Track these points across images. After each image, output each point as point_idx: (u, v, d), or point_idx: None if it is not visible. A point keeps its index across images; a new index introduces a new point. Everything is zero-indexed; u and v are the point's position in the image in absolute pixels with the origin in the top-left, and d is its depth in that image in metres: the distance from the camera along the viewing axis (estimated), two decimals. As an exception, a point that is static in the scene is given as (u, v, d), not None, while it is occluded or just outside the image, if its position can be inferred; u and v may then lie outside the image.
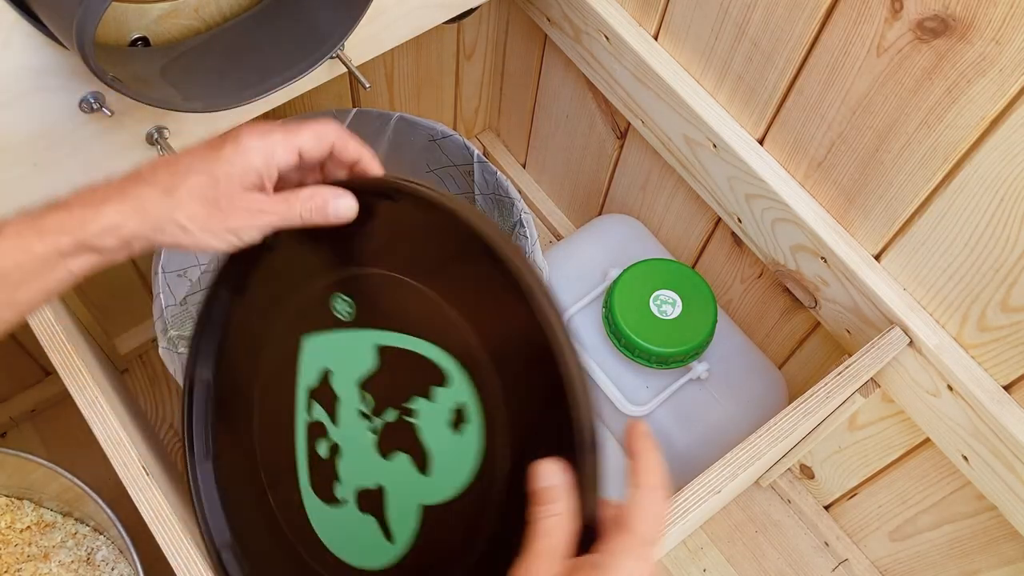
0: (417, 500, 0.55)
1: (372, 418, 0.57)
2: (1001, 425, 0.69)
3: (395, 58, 1.01)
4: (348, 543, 0.58)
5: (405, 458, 0.56)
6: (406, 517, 0.56)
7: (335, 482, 0.59)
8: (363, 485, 0.58)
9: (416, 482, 0.55)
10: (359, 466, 0.58)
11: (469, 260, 0.52)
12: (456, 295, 0.54)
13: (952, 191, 0.65)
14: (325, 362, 0.60)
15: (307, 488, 0.60)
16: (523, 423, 0.50)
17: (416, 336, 0.56)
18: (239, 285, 0.62)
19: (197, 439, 0.64)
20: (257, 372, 0.63)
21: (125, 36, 0.59)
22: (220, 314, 0.63)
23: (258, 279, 0.62)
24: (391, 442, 0.57)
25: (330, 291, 0.59)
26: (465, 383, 0.53)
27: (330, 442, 0.59)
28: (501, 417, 0.51)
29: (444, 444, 0.54)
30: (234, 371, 0.64)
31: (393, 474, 0.57)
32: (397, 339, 0.56)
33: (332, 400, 0.59)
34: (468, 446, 0.52)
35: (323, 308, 0.59)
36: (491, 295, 0.52)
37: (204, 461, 0.64)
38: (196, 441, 0.64)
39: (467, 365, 0.53)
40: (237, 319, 0.63)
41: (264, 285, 0.62)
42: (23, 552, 0.89)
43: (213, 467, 0.65)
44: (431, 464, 0.55)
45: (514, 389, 0.50)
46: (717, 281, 0.98)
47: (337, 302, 0.59)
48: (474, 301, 0.53)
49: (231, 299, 0.63)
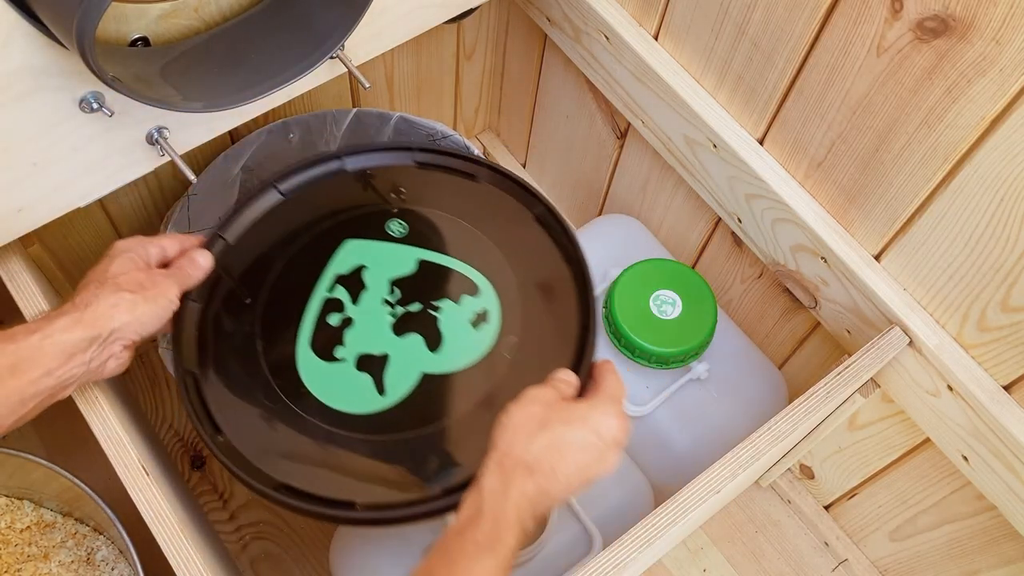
0: (420, 369, 0.68)
1: (395, 306, 0.71)
2: (1001, 425, 0.69)
3: (395, 58, 1.01)
4: (333, 391, 0.67)
5: (418, 338, 0.69)
6: (404, 379, 0.68)
7: (338, 345, 0.69)
8: (367, 351, 0.69)
9: (423, 356, 0.69)
10: (368, 337, 0.69)
11: (518, 218, 0.75)
12: (500, 238, 0.74)
13: (952, 191, 0.65)
14: (363, 260, 0.73)
15: (305, 345, 0.69)
16: (533, 331, 0.69)
17: (459, 259, 0.73)
18: (288, 189, 0.76)
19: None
20: (288, 249, 0.74)
21: (125, 36, 0.59)
22: (265, 205, 0.76)
23: (320, 191, 0.77)
24: (408, 325, 0.70)
25: (389, 216, 0.75)
26: (493, 296, 0.71)
27: (344, 315, 0.70)
28: (516, 325, 0.69)
29: (460, 334, 0.69)
30: (261, 239, 0.74)
31: (402, 347, 0.69)
32: (441, 258, 0.73)
33: (359, 287, 0.72)
34: (482, 339, 0.69)
35: (377, 225, 0.75)
36: (531, 243, 0.74)
37: (191, 302, 0.69)
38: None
39: (497, 286, 0.72)
40: (283, 210, 0.76)
41: (325, 195, 0.77)
42: (23, 552, 0.89)
43: (200, 307, 0.70)
44: (442, 346, 0.69)
45: (532, 310, 0.70)
46: (717, 281, 0.98)
47: (393, 223, 0.75)
48: (514, 244, 0.74)
49: (279, 195, 0.76)
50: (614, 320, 0.85)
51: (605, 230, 1.00)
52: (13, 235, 0.64)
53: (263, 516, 1.04)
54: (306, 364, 0.68)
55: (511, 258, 0.73)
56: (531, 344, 0.69)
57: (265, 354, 0.69)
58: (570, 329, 0.69)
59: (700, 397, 0.88)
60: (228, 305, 0.70)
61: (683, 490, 0.64)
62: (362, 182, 0.78)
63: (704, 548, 1.04)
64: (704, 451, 0.85)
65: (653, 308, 0.86)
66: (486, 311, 0.70)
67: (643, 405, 0.86)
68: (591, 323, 0.68)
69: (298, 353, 0.69)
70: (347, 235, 0.74)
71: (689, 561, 1.04)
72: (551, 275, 0.72)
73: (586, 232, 1.00)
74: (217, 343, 0.69)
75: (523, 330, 0.69)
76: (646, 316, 0.85)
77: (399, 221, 0.75)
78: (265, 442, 0.65)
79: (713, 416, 0.87)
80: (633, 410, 0.86)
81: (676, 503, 0.64)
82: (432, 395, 0.67)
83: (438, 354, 0.69)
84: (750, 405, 0.88)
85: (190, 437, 1.07)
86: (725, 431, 0.86)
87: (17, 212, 0.63)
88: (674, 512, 0.63)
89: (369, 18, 0.65)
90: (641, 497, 0.85)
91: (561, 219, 0.74)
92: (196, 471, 1.06)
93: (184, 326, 0.68)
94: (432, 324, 0.70)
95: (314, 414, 0.66)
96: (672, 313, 0.86)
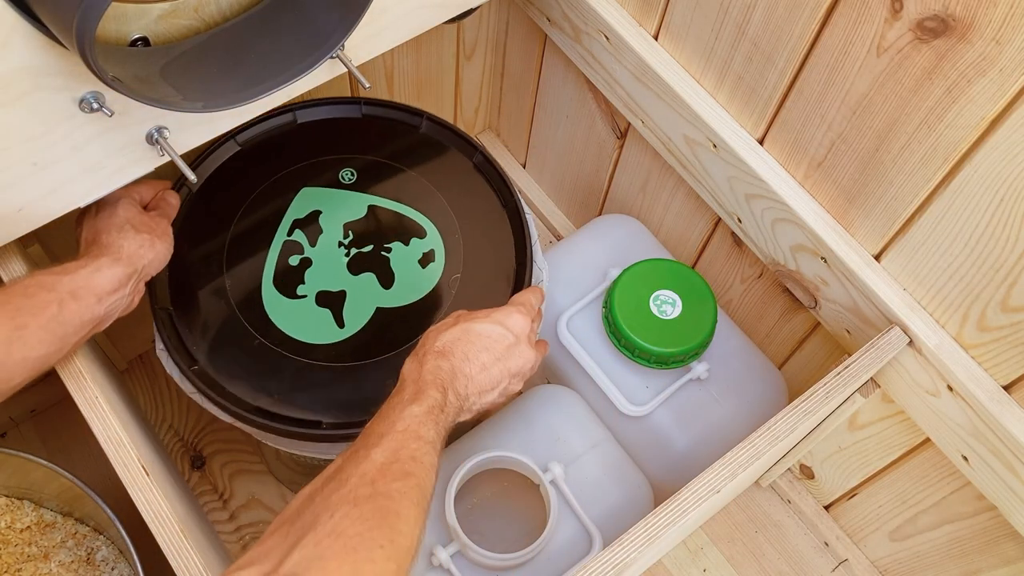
0: (374, 303, 0.77)
1: (349, 248, 0.79)
2: (1001, 425, 0.69)
3: (395, 58, 1.01)
4: (297, 324, 0.75)
5: (372, 276, 0.78)
6: (361, 313, 0.76)
7: (299, 284, 0.77)
8: (326, 288, 0.77)
9: (377, 292, 0.77)
10: (326, 276, 0.78)
11: (459, 166, 0.84)
12: (443, 184, 0.82)
13: (952, 191, 0.65)
14: (317, 205, 0.81)
15: (269, 283, 0.77)
16: (474, 269, 0.78)
17: (406, 204, 0.81)
18: (245, 140, 0.83)
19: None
20: (248, 196, 0.80)
21: (125, 36, 0.59)
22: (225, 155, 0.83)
23: (274, 141, 0.83)
24: (362, 265, 0.78)
25: (341, 165, 0.83)
26: (438, 238, 0.80)
27: (303, 256, 0.78)
28: (459, 263, 0.79)
29: (409, 272, 0.78)
30: (223, 187, 0.81)
31: (357, 285, 0.77)
32: (389, 203, 0.81)
33: (316, 231, 0.79)
34: (429, 276, 0.78)
35: (330, 173, 0.82)
36: (471, 188, 0.82)
37: None
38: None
39: (441, 228, 0.80)
40: (241, 159, 0.83)
41: (280, 146, 0.83)
42: (23, 552, 0.89)
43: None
44: (394, 283, 0.78)
45: (473, 249, 0.79)
46: (717, 281, 0.98)
47: (344, 171, 0.82)
48: (456, 190, 0.82)
49: (237, 146, 0.83)
50: (614, 320, 0.85)
51: (605, 230, 1.00)
52: (13, 235, 0.64)
53: (263, 516, 1.04)
54: (271, 300, 0.76)
55: (453, 203, 0.82)
56: (472, 280, 0.78)
57: (232, 292, 0.76)
58: (507, 266, 0.79)
59: (700, 397, 0.88)
60: (196, 247, 0.78)
61: (683, 490, 0.64)
62: (314, 133, 0.85)
63: (704, 548, 1.04)
64: (704, 451, 0.85)
65: (653, 308, 0.86)
66: (432, 251, 0.79)
67: (643, 405, 0.86)
68: (527, 260, 0.78)
69: (263, 290, 0.76)
70: (302, 183, 0.82)
71: (689, 561, 1.04)
72: (489, 218, 0.81)
73: (586, 232, 1.00)
74: (188, 283, 0.76)
75: (465, 268, 0.78)
76: (646, 316, 0.85)
77: (350, 169, 0.83)
78: (237, 371, 0.73)
79: (713, 416, 0.87)
80: (633, 410, 0.86)
81: (676, 503, 0.64)
82: (386, 326, 0.76)
83: (390, 291, 0.77)
84: (750, 405, 0.88)
85: (190, 437, 1.08)
86: (725, 431, 0.86)
87: (17, 212, 0.62)
88: (674, 512, 0.63)
89: (369, 18, 0.65)
90: (641, 497, 0.85)
91: (497, 166, 0.83)
92: (196, 471, 1.06)
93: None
94: (384, 264, 0.78)
95: (280, 345, 0.74)
96: (672, 313, 0.86)
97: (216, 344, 0.74)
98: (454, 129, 0.85)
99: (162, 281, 0.76)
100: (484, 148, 0.84)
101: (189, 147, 0.69)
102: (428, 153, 0.84)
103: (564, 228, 1.22)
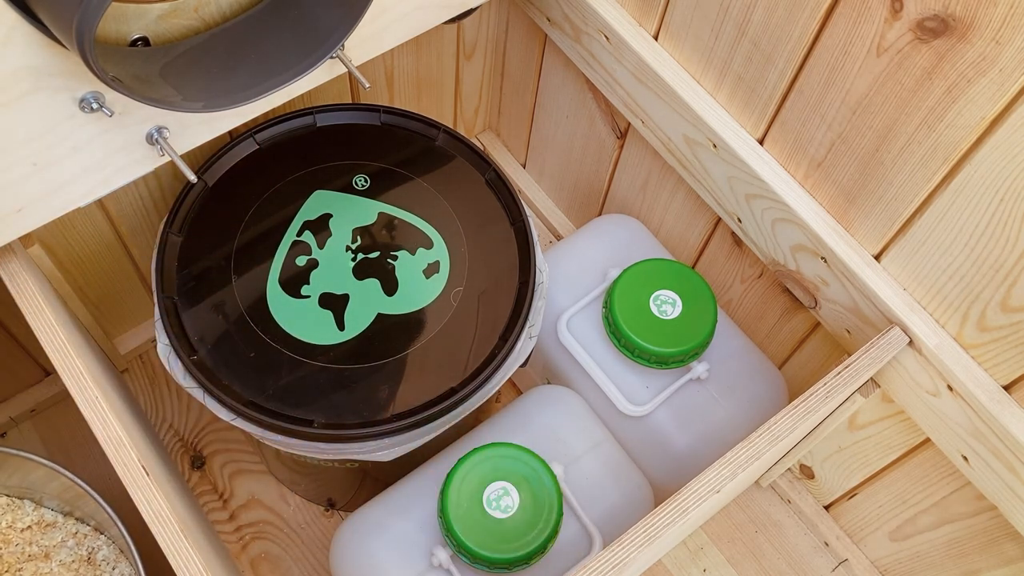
0: (376, 309, 0.78)
1: (356, 253, 0.80)
2: (1001, 425, 0.69)
3: (395, 58, 1.01)
4: (298, 323, 0.76)
5: (376, 282, 0.79)
6: (362, 317, 0.77)
7: (304, 284, 0.78)
8: (330, 291, 0.78)
9: (379, 298, 0.78)
10: (331, 278, 0.78)
11: (471, 180, 0.84)
12: (454, 197, 0.83)
13: (952, 191, 0.65)
14: (329, 209, 0.82)
15: (274, 281, 0.78)
16: (477, 284, 0.79)
17: (416, 214, 0.82)
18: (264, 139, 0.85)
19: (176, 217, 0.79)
20: (262, 195, 0.82)
21: (125, 36, 0.59)
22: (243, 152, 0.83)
23: (292, 143, 0.85)
24: (367, 270, 0.79)
25: (356, 171, 0.84)
26: (444, 250, 0.81)
27: (310, 257, 0.79)
28: (462, 277, 0.79)
29: (413, 281, 0.79)
30: (238, 183, 0.82)
31: (361, 289, 0.78)
32: (400, 212, 0.82)
33: (325, 233, 0.81)
34: (432, 287, 0.79)
35: (343, 177, 0.84)
36: (481, 204, 0.83)
37: (174, 236, 0.78)
38: (175, 215, 0.79)
39: (448, 241, 0.81)
40: (259, 158, 0.84)
41: (297, 147, 0.85)
42: (24, 552, 0.89)
43: (181, 241, 0.79)
44: (397, 290, 0.78)
45: (478, 265, 0.80)
46: (717, 281, 0.98)
47: (358, 177, 0.84)
48: (466, 204, 0.83)
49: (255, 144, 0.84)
50: (614, 320, 0.85)
51: (605, 230, 1.00)
52: (13, 235, 0.64)
53: (263, 516, 1.04)
54: (275, 298, 0.77)
55: (462, 217, 0.82)
56: (474, 295, 0.79)
57: (238, 287, 0.77)
58: (511, 284, 0.79)
59: (700, 397, 0.88)
60: (207, 240, 0.79)
61: (683, 490, 0.64)
62: (332, 137, 0.86)
63: (704, 548, 1.04)
64: (704, 451, 0.86)
65: (653, 308, 0.86)
66: (437, 262, 0.80)
67: (643, 405, 0.86)
68: (530, 279, 0.79)
69: (268, 288, 0.77)
70: (316, 185, 0.83)
71: (689, 561, 1.04)
72: (497, 235, 0.82)
73: (586, 232, 1.00)
74: (196, 274, 0.77)
75: (468, 282, 0.79)
76: (646, 316, 0.85)
77: (364, 175, 0.84)
78: (236, 364, 0.74)
79: (713, 416, 0.87)
80: (633, 410, 0.86)
81: (676, 503, 0.64)
82: (385, 333, 0.77)
83: (393, 298, 0.78)
84: (750, 405, 0.88)
85: (190, 437, 1.08)
86: (725, 431, 0.86)
87: (17, 212, 0.63)
88: (674, 512, 0.63)
89: (369, 18, 0.65)
90: (641, 497, 0.85)
91: (509, 185, 0.84)
92: (196, 471, 1.06)
93: (166, 257, 0.77)
94: (389, 271, 0.79)
95: (280, 342, 0.75)
96: (672, 313, 0.86)
97: (217, 337, 0.75)
98: (470, 144, 0.86)
99: (170, 271, 0.77)
100: (498, 166, 0.84)
101: (189, 147, 0.69)
102: (442, 166, 0.85)
103: (564, 228, 1.22)
